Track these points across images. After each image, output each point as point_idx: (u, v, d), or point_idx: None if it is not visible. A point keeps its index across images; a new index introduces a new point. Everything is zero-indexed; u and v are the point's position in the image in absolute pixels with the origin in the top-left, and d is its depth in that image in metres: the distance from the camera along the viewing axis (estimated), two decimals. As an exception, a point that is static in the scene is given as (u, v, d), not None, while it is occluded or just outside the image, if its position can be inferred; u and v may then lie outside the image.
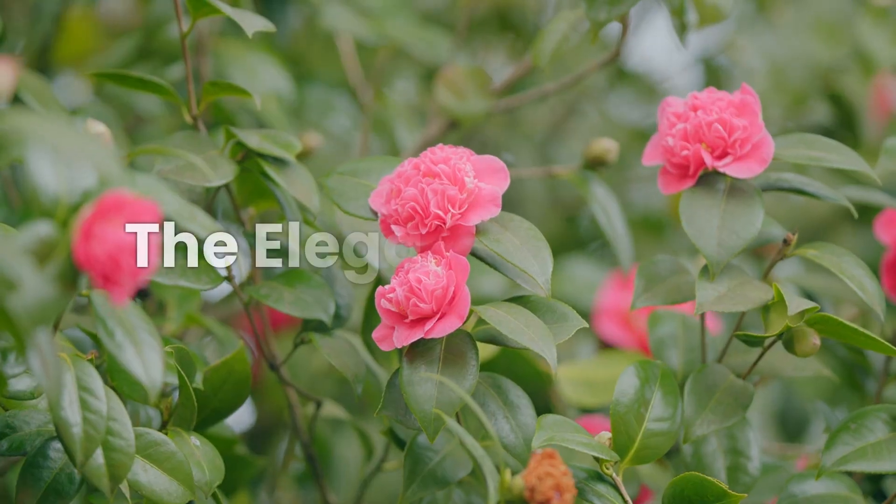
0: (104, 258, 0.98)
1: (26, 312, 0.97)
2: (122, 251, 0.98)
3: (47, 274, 0.99)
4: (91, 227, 0.99)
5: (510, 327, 1.19)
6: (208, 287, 1.29)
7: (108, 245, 0.98)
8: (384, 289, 1.22)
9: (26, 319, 0.97)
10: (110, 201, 0.99)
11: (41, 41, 2.00)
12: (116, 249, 0.98)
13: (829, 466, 1.26)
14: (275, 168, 1.32)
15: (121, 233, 0.98)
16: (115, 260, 0.98)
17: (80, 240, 0.99)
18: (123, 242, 0.98)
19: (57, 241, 1.00)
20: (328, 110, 2.08)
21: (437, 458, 1.28)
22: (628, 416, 1.26)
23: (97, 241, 0.98)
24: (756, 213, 1.27)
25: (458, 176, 1.22)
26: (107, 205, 0.99)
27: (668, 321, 1.49)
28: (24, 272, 0.96)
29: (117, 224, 0.99)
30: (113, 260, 0.98)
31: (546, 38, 1.59)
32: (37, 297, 0.97)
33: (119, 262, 0.98)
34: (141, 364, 1.07)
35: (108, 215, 0.99)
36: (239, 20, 1.30)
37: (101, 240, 0.98)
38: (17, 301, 0.96)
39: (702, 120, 1.28)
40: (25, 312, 0.97)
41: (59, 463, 1.18)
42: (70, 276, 1.00)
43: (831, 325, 1.24)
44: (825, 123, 2.22)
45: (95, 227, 0.99)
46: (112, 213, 0.99)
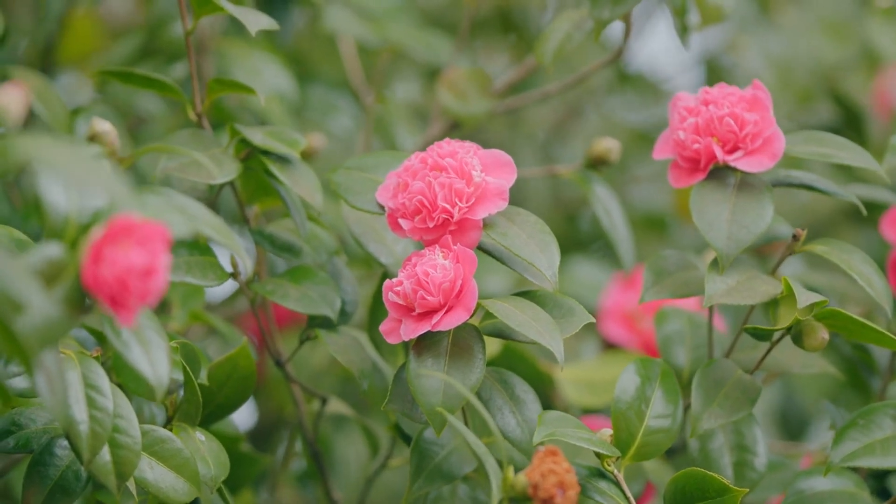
0: (112, 281, 0.98)
1: (33, 334, 0.97)
2: (130, 274, 0.98)
3: (55, 296, 1.00)
4: (100, 249, 0.99)
5: (518, 321, 1.19)
6: (214, 283, 1.30)
7: (116, 268, 0.98)
8: (391, 282, 1.22)
9: (33, 341, 0.97)
10: (119, 224, 0.99)
11: (44, 41, 2.00)
12: (125, 272, 0.98)
13: (838, 462, 1.26)
14: (278, 166, 1.32)
15: (130, 256, 0.98)
16: (123, 283, 0.98)
17: (89, 262, 0.99)
18: (133, 266, 0.98)
19: (65, 262, 1.01)
20: (330, 110, 2.08)
21: (444, 452, 1.28)
22: (629, 413, 1.26)
23: (106, 264, 0.98)
24: (766, 208, 1.27)
25: (466, 170, 1.22)
26: (116, 228, 0.99)
27: (675, 318, 1.49)
28: (31, 294, 0.96)
29: (126, 247, 0.99)
30: (121, 283, 0.98)
31: (549, 38, 1.59)
32: (44, 318, 0.97)
33: (127, 286, 0.98)
34: (148, 362, 1.07)
35: (118, 238, 0.99)
36: (242, 18, 1.30)
37: (110, 263, 0.98)
38: (24, 323, 0.96)
39: (713, 114, 1.28)
40: (32, 334, 0.97)
41: (65, 460, 1.18)
42: (77, 298, 1.00)
43: (840, 319, 1.24)
44: (829, 123, 2.23)
45: (104, 249, 0.99)
46: (121, 236, 0.99)
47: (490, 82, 1.86)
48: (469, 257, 1.21)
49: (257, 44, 1.93)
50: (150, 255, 0.99)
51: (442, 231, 1.23)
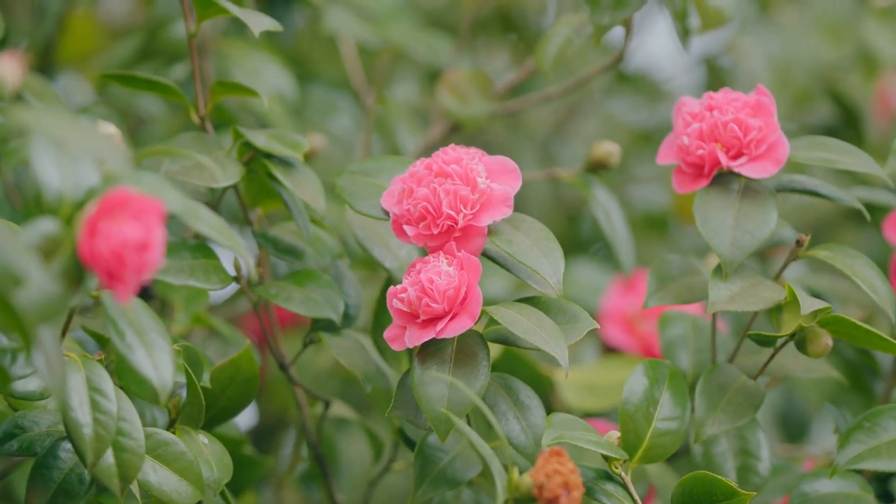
0: (108, 255, 0.98)
1: (32, 308, 0.96)
2: (126, 248, 0.98)
3: (52, 270, 0.99)
4: (95, 224, 0.99)
5: (522, 327, 1.19)
6: (218, 287, 1.29)
7: (112, 242, 0.98)
8: (396, 289, 1.22)
9: (32, 315, 0.97)
10: (115, 198, 0.99)
11: (43, 41, 1.99)
12: (121, 246, 0.98)
13: (844, 465, 1.26)
14: (281, 170, 1.31)
15: (125, 230, 0.98)
16: (119, 257, 0.98)
17: (85, 237, 0.99)
18: (128, 239, 0.98)
19: (61, 237, 1.00)
20: (331, 111, 2.07)
21: (448, 458, 1.27)
22: (637, 415, 1.26)
23: (102, 238, 0.98)
24: (770, 214, 1.27)
25: (471, 176, 1.22)
26: (111, 202, 0.99)
27: (679, 323, 1.49)
28: (29, 268, 0.96)
29: (122, 221, 0.99)
30: (117, 257, 0.98)
31: (549, 42, 1.59)
32: (42, 293, 0.97)
33: (123, 259, 0.98)
34: (152, 365, 1.07)
35: (113, 212, 0.99)
36: (246, 20, 1.30)
37: (106, 237, 0.98)
38: (22, 297, 0.96)
39: (717, 120, 1.28)
40: (31, 308, 0.96)
41: (69, 463, 1.18)
42: (75, 272, 1.00)
43: (844, 325, 1.24)
44: (828, 123, 2.23)
45: (100, 224, 0.99)
46: (116, 210, 0.99)
47: (491, 84, 1.86)
48: (473, 264, 1.20)
49: (257, 44, 1.93)
50: (146, 228, 0.98)
51: (446, 238, 1.23)
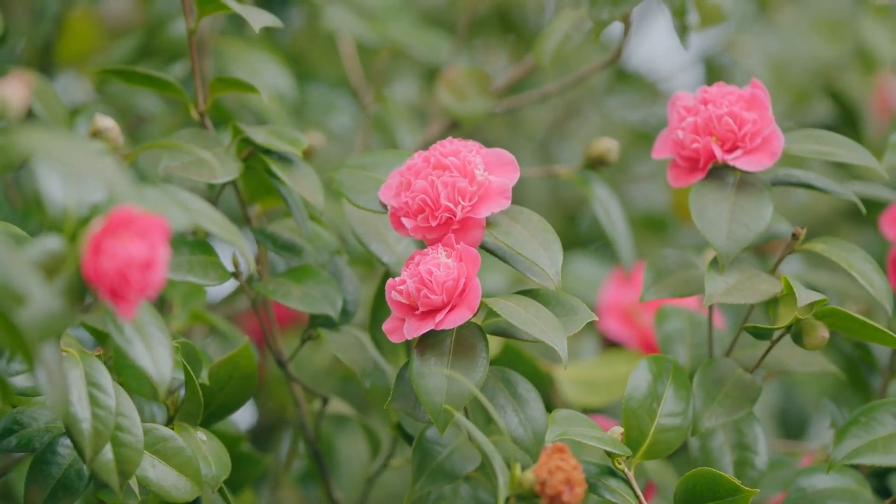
0: (113, 273, 0.99)
1: (34, 326, 0.97)
2: (131, 267, 0.99)
3: (55, 288, 1.00)
4: (100, 242, 0.99)
5: (521, 319, 1.19)
6: (216, 283, 1.29)
7: (116, 260, 0.98)
8: (395, 281, 1.22)
9: (34, 333, 0.97)
10: (119, 217, 1.00)
11: (42, 40, 2.00)
12: (126, 265, 0.98)
13: (840, 459, 1.26)
14: (280, 165, 1.32)
15: (130, 249, 0.99)
16: (123, 275, 0.99)
17: (89, 255, 0.99)
18: (133, 258, 0.99)
19: (65, 255, 1.01)
20: (329, 109, 2.08)
21: (446, 452, 1.27)
22: (640, 410, 1.26)
23: (106, 257, 0.99)
24: (765, 207, 1.27)
25: (469, 168, 1.22)
26: (115, 220, 0.99)
27: (675, 317, 1.49)
28: (32, 286, 0.96)
29: (127, 240, 0.99)
30: (121, 275, 0.99)
31: (548, 38, 1.59)
32: (45, 311, 0.97)
33: (127, 278, 0.99)
34: (151, 359, 1.07)
35: (118, 231, 0.99)
36: (246, 16, 1.30)
37: (111, 256, 0.99)
38: (25, 315, 0.96)
39: (712, 113, 1.29)
40: (33, 326, 0.97)
41: (67, 459, 1.18)
42: (78, 290, 1.01)
43: (840, 318, 1.24)
44: (826, 121, 2.23)
45: (104, 242, 0.99)
46: (121, 228, 0.99)
47: (489, 82, 1.86)
48: (472, 256, 1.21)
49: (256, 43, 1.93)
50: (150, 247, 0.99)
51: (445, 230, 1.23)
